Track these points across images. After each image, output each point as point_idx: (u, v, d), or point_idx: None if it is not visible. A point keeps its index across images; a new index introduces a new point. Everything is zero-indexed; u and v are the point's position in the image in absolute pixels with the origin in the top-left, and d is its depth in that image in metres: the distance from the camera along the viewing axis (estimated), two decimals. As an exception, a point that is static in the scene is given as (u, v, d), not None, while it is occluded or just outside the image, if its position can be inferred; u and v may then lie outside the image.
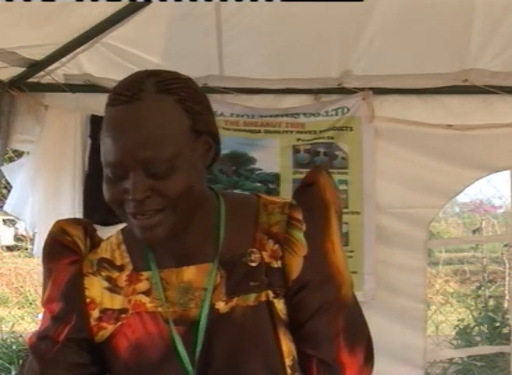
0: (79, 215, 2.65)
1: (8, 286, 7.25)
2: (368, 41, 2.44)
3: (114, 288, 1.04)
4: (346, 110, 2.72)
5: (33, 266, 7.16)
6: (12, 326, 5.56)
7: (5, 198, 2.91)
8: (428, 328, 2.91)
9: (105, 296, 1.04)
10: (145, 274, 1.03)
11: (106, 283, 1.04)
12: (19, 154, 3.66)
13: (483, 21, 2.32)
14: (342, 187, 2.62)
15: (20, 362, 4.59)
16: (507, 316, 4.84)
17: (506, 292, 5.79)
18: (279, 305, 1.00)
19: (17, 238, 8.55)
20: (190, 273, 1.01)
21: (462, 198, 7.06)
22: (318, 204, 1.03)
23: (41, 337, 1.06)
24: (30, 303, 6.73)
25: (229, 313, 0.99)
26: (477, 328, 4.99)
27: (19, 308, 6.57)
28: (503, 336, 4.48)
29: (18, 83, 2.66)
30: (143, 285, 1.02)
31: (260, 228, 1.02)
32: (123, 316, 1.02)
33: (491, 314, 5.03)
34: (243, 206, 1.06)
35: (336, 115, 2.71)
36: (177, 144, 0.93)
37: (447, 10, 2.26)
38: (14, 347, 4.77)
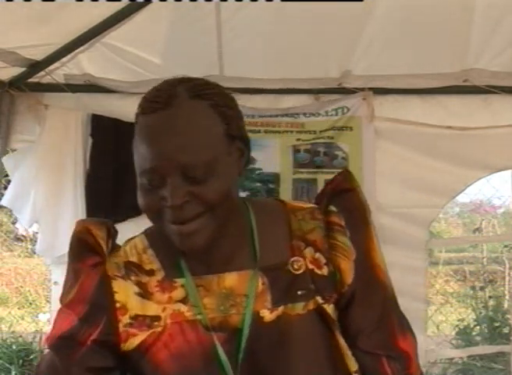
0: (81, 214, 2.65)
1: (8, 286, 7.24)
2: (368, 41, 2.44)
3: (145, 294, 1.01)
4: (346, 110, 2.72)
5: (33, 266, 7.17)
6: (12, 326, 5.55)
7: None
8: (428, 328, 2.90)
9: (136, 302, 1.01)
10: (179, 281, 1.00)
11: (136, 289, 1.01)
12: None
13: (483, 21, 2.32)
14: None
15: (20, 362, 4.58)
16: (507, 315, 4.84)
17: (506, 292, 5.79)
18: (330, 310, 1.00)
19: (17, 238, 8.53)
20: (231, 279, 0.99)
21: (462, 198, 7.04)
22: (359, 209, 1.05)
23: (65, 337, 1.01)
24: (30, 303, 6.73)
25: (275, 322, 0.97)
26: (477, 328, 4.98)
27: (19, 309, 6.56)
28: (503, 336, 4.47)
29: (18, 83, 2.66)
30: (178, 293, 0.99)
31: (295, 235, 1.02)
32: (156, 323, 0.99)
33: (491, 314, 5.02)
34: (272, 213, 1.06)
35: (336, 115, 2.71)
36: (214, 148, 0.91)
37: (447, 10, 2.26)
38: (14, 347, 4.75)
